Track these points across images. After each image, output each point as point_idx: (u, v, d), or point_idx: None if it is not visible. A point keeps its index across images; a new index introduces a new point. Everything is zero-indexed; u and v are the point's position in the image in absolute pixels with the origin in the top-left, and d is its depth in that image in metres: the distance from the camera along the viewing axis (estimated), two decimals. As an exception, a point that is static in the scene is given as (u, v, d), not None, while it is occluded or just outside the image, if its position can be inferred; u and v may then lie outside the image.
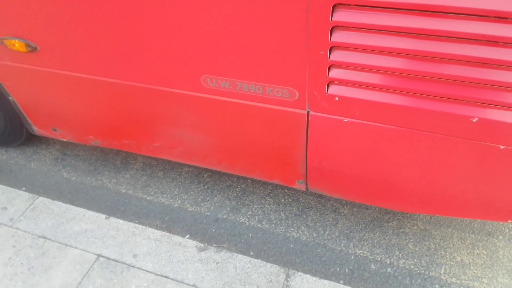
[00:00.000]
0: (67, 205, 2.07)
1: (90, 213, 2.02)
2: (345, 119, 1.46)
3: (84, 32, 1.59)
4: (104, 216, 2.01)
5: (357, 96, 1.38)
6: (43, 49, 1.73)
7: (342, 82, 1.37)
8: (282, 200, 2.21)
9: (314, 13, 1.21)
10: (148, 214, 2.14)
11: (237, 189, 2.28)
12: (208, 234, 2.04)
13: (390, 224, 2.07)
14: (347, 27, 1.23)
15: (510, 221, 1.53)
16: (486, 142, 1.32)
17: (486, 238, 1.98)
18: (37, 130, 2.26)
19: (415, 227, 2.05)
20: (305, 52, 1.32)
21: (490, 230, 2.02)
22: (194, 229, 2.06)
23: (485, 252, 1.92)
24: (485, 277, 1.82)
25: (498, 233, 2.01)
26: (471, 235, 2.00)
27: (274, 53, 1.37)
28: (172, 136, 1.90)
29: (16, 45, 1.75)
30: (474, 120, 1.28)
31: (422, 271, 1.85)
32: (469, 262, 1.88)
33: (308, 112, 1.50)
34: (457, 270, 1.85)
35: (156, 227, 2.07)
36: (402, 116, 1.36)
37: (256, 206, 2.18)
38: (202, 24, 1.39)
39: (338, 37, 1.25)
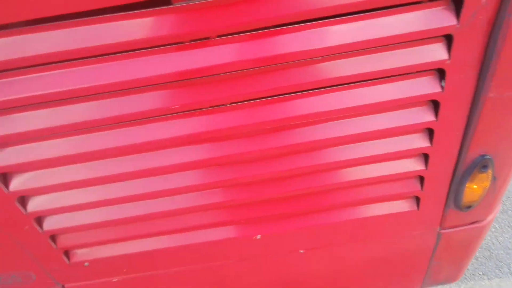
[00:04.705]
0: None
1: None
2: (114, 279, 1.08)
3: None
4: None
5: (113, 254, 1.00)
6: None
7: (79, 246, 0.98)
8: None
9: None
10: None
11: None
12: None
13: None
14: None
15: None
16: (285, 252, 1.06)
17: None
18: None
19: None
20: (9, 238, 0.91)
21: None
22: None
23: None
24: None
25: None
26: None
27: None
28: None
29: None
30: (258, 237, 1.00)
31: None
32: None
33: (63, 286, 1.08)
34: None
35: None
36: (173, 258, 1.03)
37: None
38: None
39: (34, 205, 0.86)
